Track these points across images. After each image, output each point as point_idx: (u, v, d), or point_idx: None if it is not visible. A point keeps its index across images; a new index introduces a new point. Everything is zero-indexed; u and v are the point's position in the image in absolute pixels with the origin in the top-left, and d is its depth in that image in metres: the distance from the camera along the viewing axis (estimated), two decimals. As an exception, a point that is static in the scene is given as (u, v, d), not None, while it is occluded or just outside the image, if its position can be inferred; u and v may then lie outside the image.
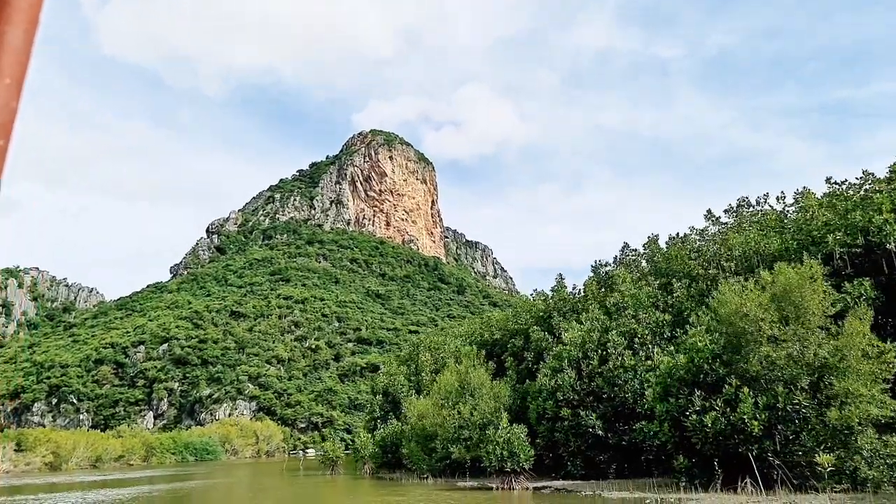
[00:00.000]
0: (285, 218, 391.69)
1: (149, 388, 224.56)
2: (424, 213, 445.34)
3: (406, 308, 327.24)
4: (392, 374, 68.39)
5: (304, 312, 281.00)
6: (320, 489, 43.52)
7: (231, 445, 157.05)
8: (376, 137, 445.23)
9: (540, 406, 36.16)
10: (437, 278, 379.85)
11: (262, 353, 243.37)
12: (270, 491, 41.27)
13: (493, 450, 33.11)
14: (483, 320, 76.82)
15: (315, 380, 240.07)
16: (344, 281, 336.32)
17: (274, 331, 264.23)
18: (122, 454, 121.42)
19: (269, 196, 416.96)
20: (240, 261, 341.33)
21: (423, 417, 47.72)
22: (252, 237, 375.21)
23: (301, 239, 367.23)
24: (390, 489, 38.21)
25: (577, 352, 36.17)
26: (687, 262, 39.90)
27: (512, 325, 61.10)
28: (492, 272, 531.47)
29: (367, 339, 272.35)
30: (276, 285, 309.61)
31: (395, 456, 56.81)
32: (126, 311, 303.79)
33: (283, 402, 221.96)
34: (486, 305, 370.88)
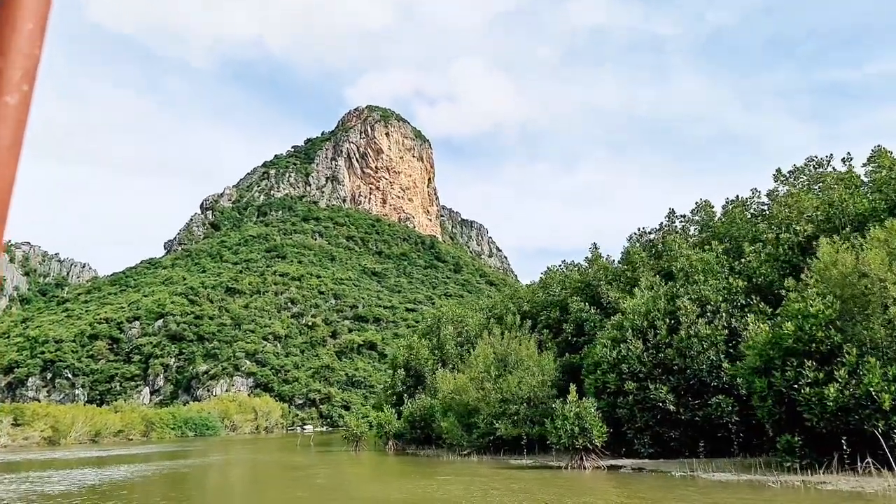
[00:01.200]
0: (280, 194, 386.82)
1: (144, 364, 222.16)
2: (421, 190, 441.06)
3: (403, 286, 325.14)
4: (414, 347, 65.81)
5: (301, 289, 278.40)
6: (364, 468, 40.51)
7: (230, 421, 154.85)
8: (372, 113, 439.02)
9: (599, 379, 33.60)
10: (433, 256, 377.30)
11: (258, 329, 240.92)
12: (309, 468, 38.60)
13: (560, 425, 30.50)
14: (507, 294, 74.20)
15: (312, 356, 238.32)
16: (340, 258, 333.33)
17: (270, 307, 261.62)
18: (122, 429, 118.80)
19: (263, 172, 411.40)
20: (235, 237, 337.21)
21: (461, 392, 45.38)
22: (247, 213, 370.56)
23: (296, 216, 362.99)
24: (439, 468, 35.50)
25: (642, 321, 33.58)
26: (755, 225, 37.25)
27: (541, 297, 58.58)
28: (487, 251, 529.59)
29: (364, 317, 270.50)
30: (272, 262, 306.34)
31: (425, 432, 54.96)
32: (120, 286, 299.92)
33: (281, 378, 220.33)
34: (483, 284, 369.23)
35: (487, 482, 26.68)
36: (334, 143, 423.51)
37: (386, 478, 30.51)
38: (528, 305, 57.59)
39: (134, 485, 33.54)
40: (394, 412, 59.09)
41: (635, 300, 35.52)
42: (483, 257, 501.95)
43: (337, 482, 29.72)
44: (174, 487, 30.87)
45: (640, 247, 48.43)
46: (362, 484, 27.79)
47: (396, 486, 25.84)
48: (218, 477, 36.37)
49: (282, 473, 35.59)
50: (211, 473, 39.35)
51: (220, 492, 26.66)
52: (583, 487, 24.21)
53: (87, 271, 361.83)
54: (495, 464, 36.68)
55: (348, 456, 53.99)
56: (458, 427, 44.84)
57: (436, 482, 26.89)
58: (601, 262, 52.55)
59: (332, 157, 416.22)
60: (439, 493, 22.18)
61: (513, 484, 25.46)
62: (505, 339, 46.38)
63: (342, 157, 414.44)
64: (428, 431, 53.87)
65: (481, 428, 42.34)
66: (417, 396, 56.48)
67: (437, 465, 38.61)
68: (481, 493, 22.49)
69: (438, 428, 49.40)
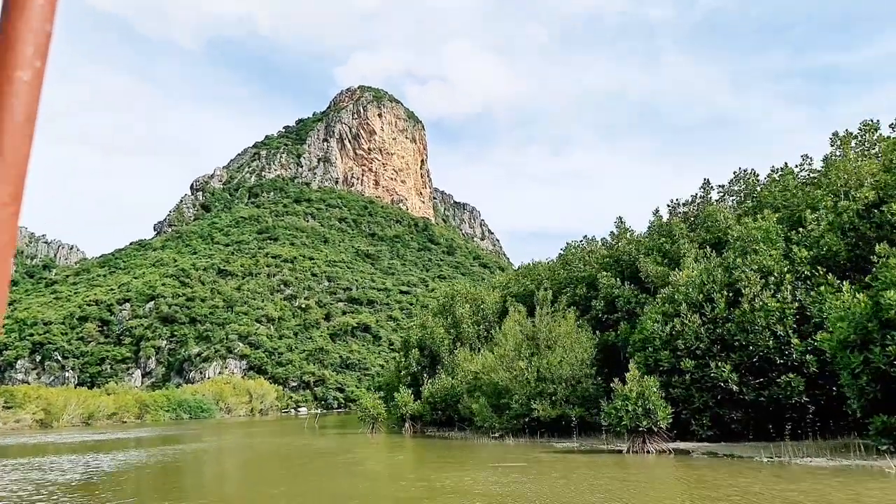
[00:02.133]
0: (272, 175, 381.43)
1: (136, 346, 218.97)
2: (414, 172, 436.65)
3: (396, 268, 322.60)
4: (428, 326, 63.17)
5: (294, 272, 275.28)
6: (401, 452, 37.60)
7: (225, 404, 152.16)
8: (365, 94, 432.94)
9: (650, 357, 31.19)
10: (426, 239, 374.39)
11: (251, 311, 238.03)
12: (342, 454, 35.92)
13: (621, 405, 28.06)
14: (521, 271, 71.53)
15: (306, 339, 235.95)
16: (333, 240, 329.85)
17: (263, 290, 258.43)
18: (115, 412, 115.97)
19: (254, 153, 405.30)
20: (226, 218, 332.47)
21: (489, 371, 42.98)
22: (238, 195, 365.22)
23: (288, 197, 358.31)
24: (483, 453, 32.64)
25: (696, 293, 31.07)
26: (808, 192, 34.75)
27: (563, 274, 56.14)
28: (479, 234, 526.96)
29: (358, 299, 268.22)
30: (264, 244, 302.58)
31: (446, 413, 52.67)
32: (109, 268, 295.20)
33: (274, 360, 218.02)
34: (477, 267, 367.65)
35: (554, 469, 24.03)
36: (326, 124, 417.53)
37: (438, 464, 27.54)
38: (548, 282, 55.07)
39: (165, 469, 30.87)
40: (410, 393, 56.63)
41: (688, 272, 33.01)
42: (475, 240, 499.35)
43: (388, 469, 27.01)
44: (211, 473, 28.19)
45: (679, 218, 45.87)
46: (421, 471, 24.93)
47: (464, 475, 23.00)
48: (253, 461, 33.54)
49: (320, 459, 32.81)
50: (239, 457, 36.65)
51: (274, 480, 23.91)
52: (677, 475, 21.62)
53: (74, 253, 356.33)
54: (540, 448, 34.02)
55: (368, 439, 51.37)
56: (487, 408, 42.54)
57: (499, 470, 24.24)
58: (633, 235, 49.98)
59: (323, 139, 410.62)
60: (528, 485, 19.59)
61: (586, 471, 22.90)
62: (537, 315, 43.85)
63: (334, 138, 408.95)
64: (450, 413, 51.58)
65: (515, 409, 40.03)
66: (439, 377, 53.91)
67: (475, 448, 35.92)
68: (565, 483, 19.92)
69: (464, 409, 47.06)
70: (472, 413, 43.81)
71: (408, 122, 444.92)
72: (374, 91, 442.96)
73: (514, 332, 43.81)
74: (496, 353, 43.29)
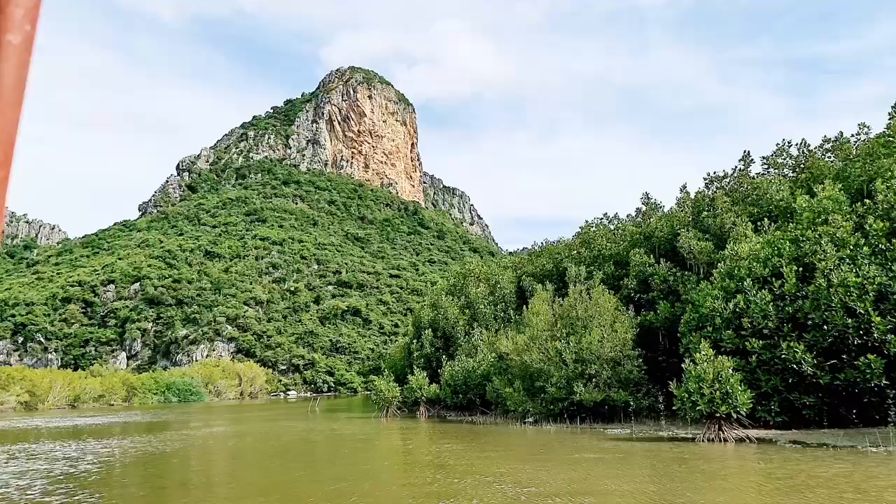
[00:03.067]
0: (259, 157, 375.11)
1: (121, 328, 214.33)
2: (404, 156, 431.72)
3: (386, 252, 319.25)
4: (442, 306, 60.30)
5: (282, 254, 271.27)
6: (445, 439, 33.75)
7: (214, 386, 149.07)
8: (355, 75, 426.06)
9: (710, 337, 28.58)
10: (416, 223, 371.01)
11: (239, 294, 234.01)
12: (380, 440, 33.15)
13: (695, 388, 25.42)
14: (535, 251, 68.63)
15: (295, 322, 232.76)
16: (322, 223, 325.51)
17: (251, 272, 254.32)
18: (102, 394, 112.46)
19: (241, 133, 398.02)
20: (212, 200, 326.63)
21: (521, 352, 40.34)
22: (225, 176, 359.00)
23: (276, 179, 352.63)
24: (537, 441, 29.91)
25: (761, 268, 28.47)
26: (879, 162, 32.09)
27: (585, 253, 53.69)
28: (469, 219, 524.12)
29: (348, 283, 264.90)
30: (252, 226, 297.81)
31: (467, 397, 49.96)
32: (92, 248, 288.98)
33: (263, 343, 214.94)
34: (467, 251, 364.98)
35: (642, 463, 21.19)
36: (315, 105, 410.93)
37: (494, 456, 24.55)
38: (569, 261, 52.42)
39: (211, 456, 27.90)
40: (425, 376, 53.82)
41: (750, 245, 30.36)
42: (465, 225, 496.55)
43: (443, 459, 23.97)
44: (275, 468, 25.17)
45: (721, 191, 43.23)
46: (487, 465, 21.89)
47: (540, 470, 20.20)
48: (297, 450, 30.51)
49: (369, 449, 29.90)
50: (274, 444, 33.54)
51: (348, 477, 20.93)
52: (792, 469, 18.77)
53: (56, 233, 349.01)
54: (591, 435, 30.94)
55: (384, 423, 48.41)
56: (521, 392, 39.84)
57: (580, 463, 21.47)
58: (664, 211, 47.30)
59: (312, 120, 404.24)
60: (647, 485, 16.76)
61: (683, 466, 20.09)
62: (570, 293, 41.04)
63: (323, 119, 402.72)
64: (471, 396, 48.91)
65: (551, 392, 37.37)
66: (458, 359, 51.11)
67: (513, 436, 32.74)
68: (687, 484, 17.11)
69: (492, 393, 44.27)
70: (502, 397, 41.08)
71: (398, 104, 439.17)
72: (365, 72, 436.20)
73: (544, 311, 41.09)
74: (527, 333, 40.54)
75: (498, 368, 43.86)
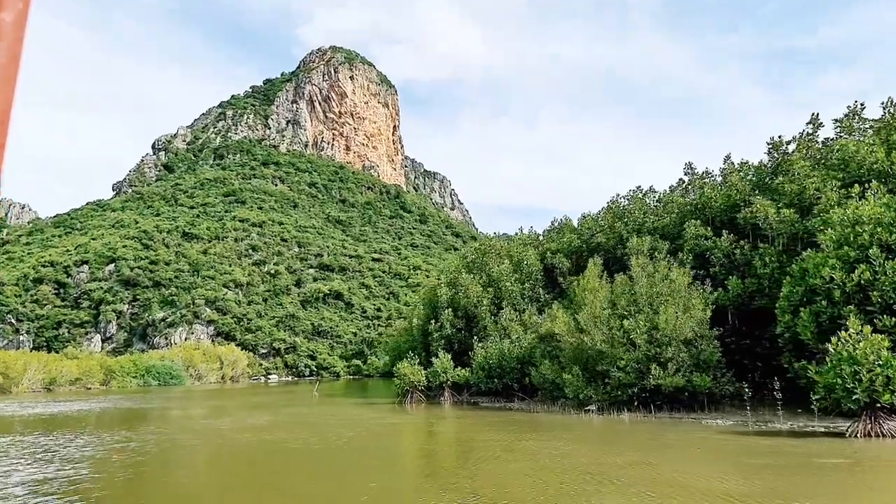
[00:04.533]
0: (238, 137, 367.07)
1: (95, 310, 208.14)
2: (386, 138, 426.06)
3: (368, 235, 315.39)
4: (463, 284, 56.58)
5: (262, 236, 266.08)
6: (494, 431, 30.03)
7: (195, 370, 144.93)
8: (336, 55, 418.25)
9: (823, 314, 25.31)
10: (398, 206, 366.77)
11: (218, 276, 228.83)
12: (441, 432, 29.19)
13: (848, 372, 21.91)
14: (557, 228, 65.03)
15: (276, 305, 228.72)
16: (303, 205, 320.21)
17: (230, 254, 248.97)
18: (79, 377, 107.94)
19: (219, 113, 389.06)
20: (190, 180, 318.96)
21: (578, 333, 36.87)
22: (202, 156, 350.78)
23: (255, 160, 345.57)
24: (648, 432, 26.81)
25: (887, 234, 25.55)
26: None
27: (621, 227, 50.04)
28: (449, 204, 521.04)
29: (330, 266, 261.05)
30: (231, 207, 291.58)
31: (503, 381, 46.28)
32: (65, 228, 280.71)
33: (243, 327, 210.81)
34: (450, 236, 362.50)
35: (828, 471, 18.05)
36: (296, 85, 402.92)
37: (649, 458, 20.97)
38: (602, 236, 49.39)
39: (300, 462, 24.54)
40: (450, 359, 50.46)
41: (870, 208, 26.96)
42: (446, 210, 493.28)
43: (592, 461, 20.55)
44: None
45: (798, 155, 40.16)
46: (658, 472, 18.28)
47: (703, 475, 17.16)
48: (379, 446, 26.77)
49: (454, 444, 26.14)
50: (342, 434, 29.99)
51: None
52: None
53: (27, 213, 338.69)
54: (690, 427, 27.83)
55: (409, 410, 45.05)
56: (580, 377, 36.45)
57: (745, 469, 18.18)
58: (701, 182, 44.23)
59: (292, 100, 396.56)
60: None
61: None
62: (634, 268, 37.97)
63: (304, 99, 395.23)
64: (507, 381, 45.55)
65: (618, 377, 33.95)
66: (491, 340, 47.71)
67: (584, 427, 29.24)
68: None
69: (537, 377, 40.66)
70: (551, 382, 37.89)
71: (380, 85, 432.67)
72: (346, 52, 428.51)
73: (601, 288, 37.91)
74: (586, 311, 37.28)
75: (542, 350, 40.72)
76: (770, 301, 31.48)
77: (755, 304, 32.99)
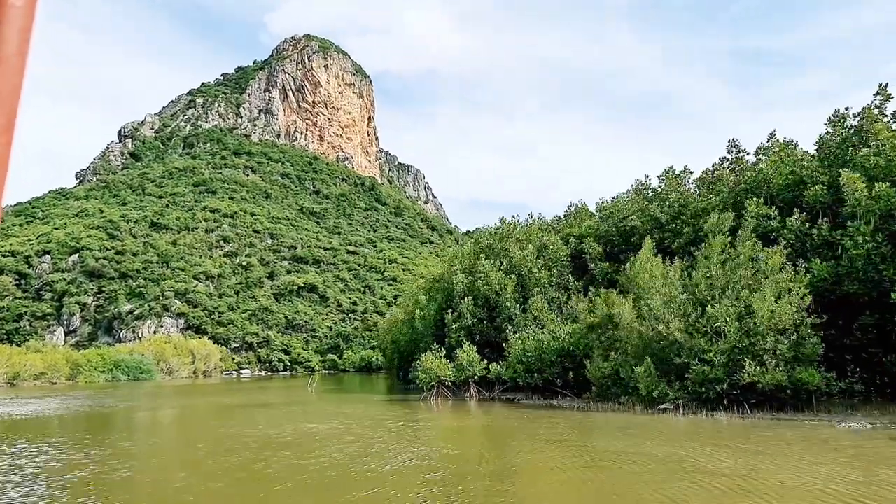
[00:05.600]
0: (209, 125, 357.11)
1: (58, 302, 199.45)
2: (360, 129, 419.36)
3: (343, 227, 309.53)
4: (482, 270, 52.38)
5: (234, 227, 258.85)
6: (593, 437, 25.72)
7: (166, 364, 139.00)
8: (310, 43, 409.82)
9: None
10: (373, 198, 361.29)
11: (188, 268, 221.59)
12: (526, 441, 23.57)
13: None
14: (572, 212, 60.95)
15: (248, 298, 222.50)
16: (276, 196, 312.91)
17: (201, 245, 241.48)
18: (44, 371, 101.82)
19: (189, 101, 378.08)
20: (158, 169, 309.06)
21: (652, 320, 33.06)
22: (171, 144, 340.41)
23: (226, 149, 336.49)
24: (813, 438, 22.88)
25: None
26: None
27: (660, 208, 46.46)
28: (423, 197, 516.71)
29: (304, 258, 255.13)
30: (201, 197, 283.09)
31: (543, 376, 42.42)
32: (25, 217, 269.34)
33: (214, 320, 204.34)
34: (426, 229, 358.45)
35: None
36: (268, 74, 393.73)
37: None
38: (636, 219, 46.05)
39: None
40: (475, 351, 46.44)
41: None
42: (419, 203, 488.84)
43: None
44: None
45: (882, 125, 37.07)
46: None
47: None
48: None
49: (562, 450, 21.00)
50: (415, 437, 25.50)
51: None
52: None
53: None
54: (814, 429, 24.00)
55: (435, 407, 40.79)
56: (653, 372, 32.51)
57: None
58: (795, 156, 40.66)
59: (265, 89, 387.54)
60: None
61: None
62: (708, 248, 34.13)
63: (276, 88, 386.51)
64: (547, 376, 41.75)
65: (701, 372, 30.04)
66: (528, 330, 43.74)
67: (720, 433, 24.85)
68: None
69: (595, 371, 36.48)
70: (609, 377, 34.60)
71: (355, 75, 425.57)
72: (321, 41, 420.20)
73: (674, 269, 34.10)
74: (658, 297, 33.52)
75: (595, 342, 37.44)
76: (862, 286, 28.61)
77: (843, 289, 30.05)
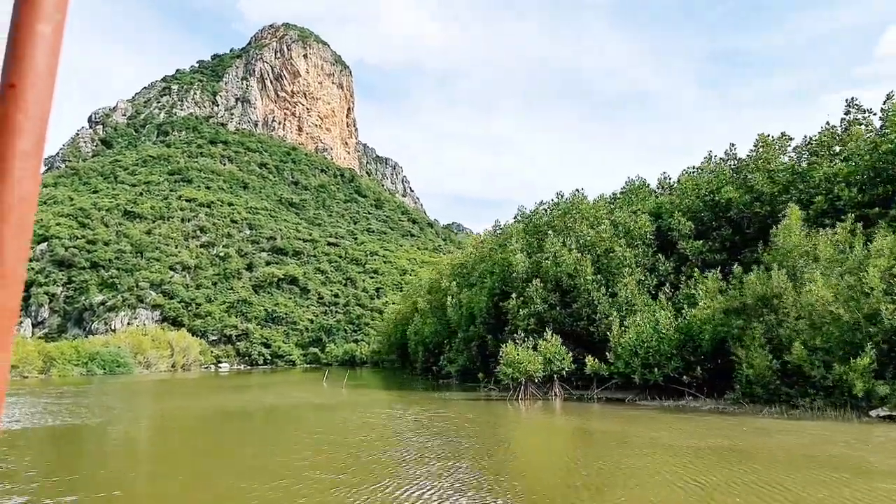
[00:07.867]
0: (184, 113, 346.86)
1: (25, 293, 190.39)
2: (340, 120, 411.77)
3: (322, 219, 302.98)
4: (551, 249, 47.18)
5: (211, 217, 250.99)
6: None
7: (143, 357, 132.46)
8: (290, 32, 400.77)
9: None
10: (353, 190, 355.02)
11: (164, 258, 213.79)
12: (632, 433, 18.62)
13: None
14: (633, 190, 55.95)
15: (226, 290, 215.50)
16: (253, 186, 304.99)
17: (176, 235, 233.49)
18: (15, 364, 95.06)
19: (164, 87, 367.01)
20: (131, 156, 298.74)
21: (861, 297, 27.51)
22: (145, 131, 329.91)
23: (202, 138, 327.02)
24: None
25: None
26: None
27: (762, 181, 41.81)
28: (401, 191, 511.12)
29: (283, 250, 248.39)
30: (176, 186, 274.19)
31: (622, 375, 38.32)
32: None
33: (191, 312, 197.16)
34: (406, 222, 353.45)
35: None
36: (246, 62, 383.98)
37: None
38: (732, 190, 41.42)
39: None
40: (560, 343, 41.40)
41: None
42: (397, 196, 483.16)
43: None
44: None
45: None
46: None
47: None
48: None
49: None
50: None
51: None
52: None
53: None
54: None
55: (534, 407, 35.44)
56: (867, 368, 26.37)
57: None
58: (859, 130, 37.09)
59: (242, 77, 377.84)
60: None
61: None
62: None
63: (254, 77, 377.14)
64: (667, 372, 36.25)
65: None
66: (641, 316, 38.35)
67: None
68: None
69: (761, 366, 30.20)
70: (776, 372, 29.31)
71: (335, 66, 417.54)
72: (300, 30, 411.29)
73: (886, 237, 29.66)
74: (848, 279, 28.62)
75: (741, 329, 32.10)
76: None
77: None
